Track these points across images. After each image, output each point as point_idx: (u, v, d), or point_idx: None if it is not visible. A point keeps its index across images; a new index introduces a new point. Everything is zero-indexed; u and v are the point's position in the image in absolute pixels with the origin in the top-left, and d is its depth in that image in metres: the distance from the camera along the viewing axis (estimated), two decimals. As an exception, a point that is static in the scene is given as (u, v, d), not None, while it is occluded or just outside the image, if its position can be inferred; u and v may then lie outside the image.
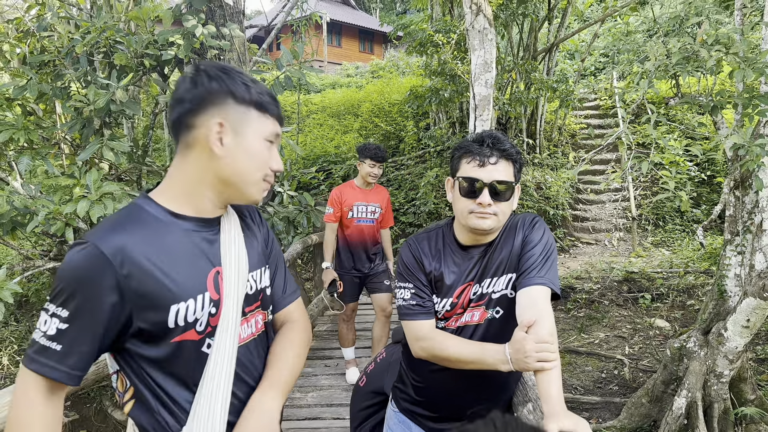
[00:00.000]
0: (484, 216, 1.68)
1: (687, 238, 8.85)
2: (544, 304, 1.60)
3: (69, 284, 1.14)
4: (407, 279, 1.83)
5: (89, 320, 1.15)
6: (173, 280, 1.22)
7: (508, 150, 1.70)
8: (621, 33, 11.73)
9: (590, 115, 12.01)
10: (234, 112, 1.24)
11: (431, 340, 1.76)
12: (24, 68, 4.77)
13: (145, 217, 1.23)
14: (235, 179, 1.27)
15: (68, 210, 4.08)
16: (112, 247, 1.16)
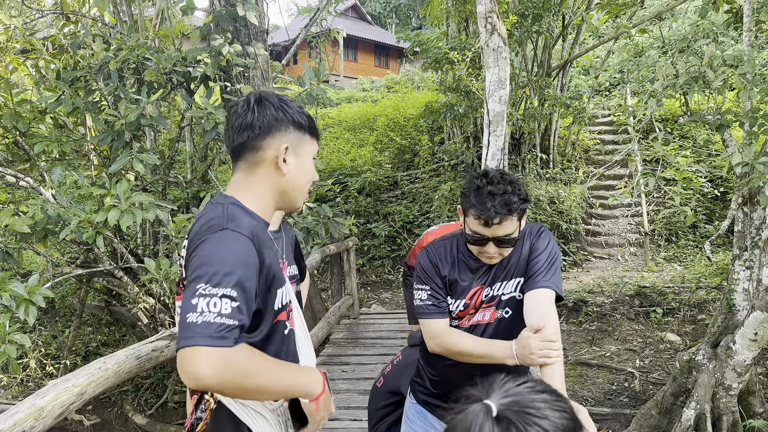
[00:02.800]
0: (491, 258, 1.90)
1: (699, 253, 8.90)
2: (549, 306, 1.79)
3: (227, 265, 1.25)
4: (425, 281, 2.01)
5: (248, 297, 1.27)
6: (275, 267, 1.46)
7: (512, 208, 1.78)
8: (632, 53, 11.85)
9: (604, 131, 12.11)
10: (294, 137, 1.50)
11: (445, 337, 1.94)
12: (58, 83, 5.01)
13: (245, 214, 1.42)
14: (292, 191, 1.53)
15: (99, 219, 4.28)
16: (250, 232, 1.35)
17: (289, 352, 1.58)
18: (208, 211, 1.42)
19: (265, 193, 1.50)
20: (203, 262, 1.26)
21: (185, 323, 1.20)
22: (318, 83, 4.84)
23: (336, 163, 11.93)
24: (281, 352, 1.51)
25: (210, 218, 1.37)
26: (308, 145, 1.54)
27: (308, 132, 1.53)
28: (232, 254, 1.27)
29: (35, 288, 4.09)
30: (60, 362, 7.40)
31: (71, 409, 1.84)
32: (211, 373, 1.17)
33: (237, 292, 1.23)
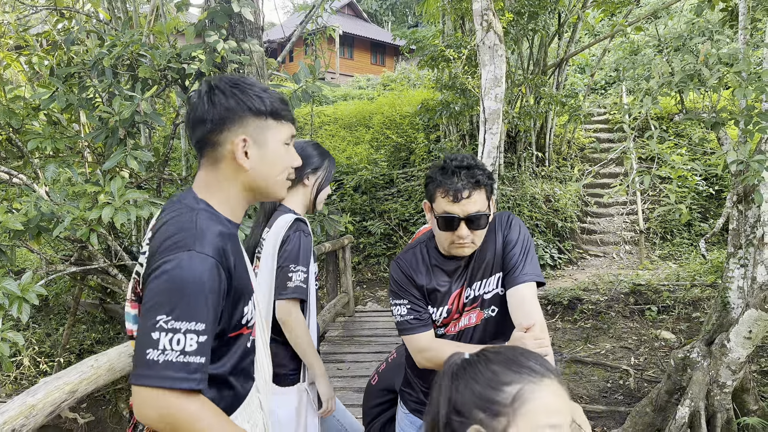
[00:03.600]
0: (463, 246, 1.78)
1: (694, 251, 8.92)
2: (533, 300, 1.77)
3: (193, 296, 1.16)
4: (401, 296, 1.89)
5: (212, 327, 1.20)
6: (243, 281, 1.36)
7: (479, 179, 1.75)
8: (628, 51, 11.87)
9: (599, 129, 12.13)
10: (254, 125, 1.33)
11: (433, 351, 1.84)
12: (51, 79, 4.98)
13: (215, 220, 1.31)
14: (262, 184, 1.38)
15: (93, 216, 4.26)
16: (217, 250, 1.23)
17: (250, 366, 1.47)
18: (175, 216, 1.30)
19: (232, 191, 1.37)
20: (165, 289, 1.16)
21: (144, 359, 1.13)
22: (314, 80, 4.82)
23: (331, 161, 11.91)
24: (241, 364, 1.41)
25: (176, 230, 1.25)
26: (274, 130, 1.36)
27: (271, 116, 1.35)
28: (197, 282, 1.17)
29: (29, 285, 4.07)
30: (54, 360, 7.37)
31: (63, 407, 1.83)
32: (159, 418, 1.13)
33: (203, 325, 1.16)
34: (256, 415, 1.49)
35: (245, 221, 5.61)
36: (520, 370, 0.92)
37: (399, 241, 10.38)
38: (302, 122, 13.84)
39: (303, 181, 2.38)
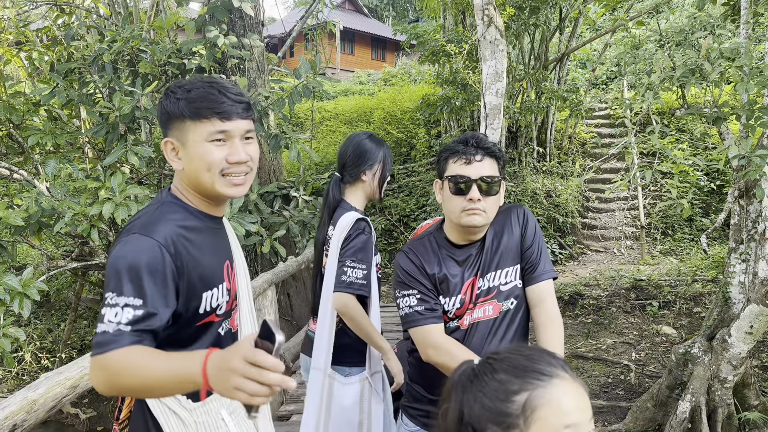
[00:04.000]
0: (475, 212, 1.74)
1: (695, 246, 8.92)
2: (552, 297, 1.83)
3: (132, 273, 1.25)
4: (410, 286, 1.81)
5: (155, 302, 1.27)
6: (204, 271, 1.41)
7: (491, 148, 1.77)
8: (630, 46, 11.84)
9: (601, 124, 12.10)
10: (176, 128, 1.41)
11: (442, 348, 1.74)
12: (52, 75, 4.97)
13: (179, 211, 1.41)
14: (196, 182, 1.43)
15: (94, 212, 4.27)
16: (165, 237, 1.31)
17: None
18: (145, 207, 1.43)
19: (186, 187, 1.46)
20: (111, 268, 1.26)
21: (96, 333, 1.23)
22: (314, 76, 4.82)
23: (333, 156, 11.92)
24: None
25: (134, 219, 1.38)
26: (192, 130, 1.39)
27: (189, 117, 1.39)
28: (136, 261, 1.26)
29: (30, 281, 4.08)
30: (56, 356, 7.39)
31: (64, 402, 1.83)
32: (96, 381, 1.21)
33: (140, 300, 1.24)
34: (239, 407, 1.52)
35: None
36: (525, 376, 0.89)
37: (400, 236, 10.38)
38: (303, 118, 13.83)
39: (361, 177, 2.45)
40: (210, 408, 1.46)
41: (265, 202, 5.46)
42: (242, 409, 1.51)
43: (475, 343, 1.80)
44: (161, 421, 1.39)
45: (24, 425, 1.63)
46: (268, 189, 5.57)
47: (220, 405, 1.48)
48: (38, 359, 7.53)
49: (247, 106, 1.45)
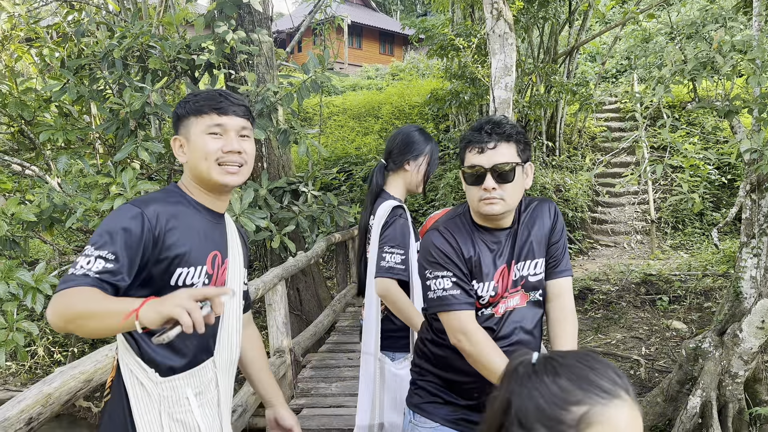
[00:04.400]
0: (492, 201, 1.69)
1: (706, 241, 8.86)
2: (570, 294, 1.86)
3: (109, 231, 1.41)
4: (445, 267, 1.73)
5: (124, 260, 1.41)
6: (186, 248, 1.53)
7: (506, 131, 1.71)
8: (640, 39, 11.74)
9: (611, 117, 12.03)
10: (182, 126, 1.60)
11: (477, 343, 1.68)
12: (62, 71, 5.00)
13: (179, 198, 1.58)
14: (196, 171, 1.59)
15: (105, 207, 4.29)
16: (151, 211, 1.47)
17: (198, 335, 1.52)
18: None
19: (190, 181, 1.63)
20: (99, 227, 1.44)
21: (65, 275, 1.38)
22: (323, 71, 4.82)
23: (341, 152, 11.92)
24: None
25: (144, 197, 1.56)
26: (194, 125, 1.58)
27: (192, 114, 1.58)
28: (116, 222, 1.42)
29: (42, 276, 4.11)
30: (68, 350, 7.46)
31: (78, 396, 1.85)
32: (50, 312, 1.32)
33: (113, 255, 1.39)
34: (209, 389, 1.64)
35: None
36: (589, 389, 0.87)
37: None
38: (311, 113, 13.84)
39: (404, 166, 2.47)
40: (176, 384, 1.55)
41: (275, 198, 5.47)
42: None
43: (506, 332, 1.78)
44: (129, 392, 1.50)
45: (39, 418, 1.65)
46: (277, 184, 5.58)
47: (186, 384, 1.57)
48: (51, 353, 7.60)
49: (246, 109, 1.63)
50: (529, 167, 1.78)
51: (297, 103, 4.75)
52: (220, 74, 5.09)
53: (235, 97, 1.62)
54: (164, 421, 1.52)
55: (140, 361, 1.50)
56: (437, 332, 1.86)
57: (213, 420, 1.64)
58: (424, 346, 1.93)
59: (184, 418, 1.56)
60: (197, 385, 1.59)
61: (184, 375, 1.56)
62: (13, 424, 1.57)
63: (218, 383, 1.66)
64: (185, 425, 1.56)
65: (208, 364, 1.62)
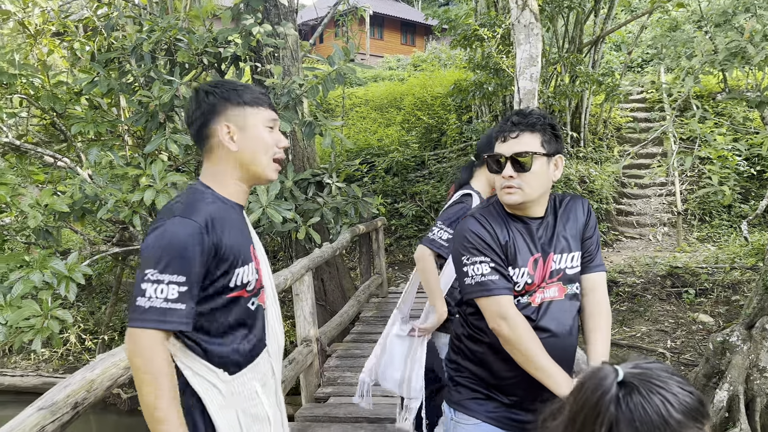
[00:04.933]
0: (511, 191, 1.71)
1: (734, 233, 8.72)
2: (604, 289, 1.88)
3: (174, 252, 1.38)
4: (483, 253, 1.74)
5: (195, 279, 1.41)
6: (237, 248, 1.54)
7: (530, 122, 1.72)
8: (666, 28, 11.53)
9: (636, 108, 11.87)
10: (233, 113, 1.55)
11: (517, 328, 1.68)
12: (93, 64, 5.09)
13: (212, 198, 1.54)
14: (249, 163, 1.57)
15: (135, 198, 4.38)
16: (204, 217, 1.44)
17: (256, 327, 1.63)
18: (180, 196, 1.55)
19: (228, 173, 1.57)
20: (153, 247, 1.38)
21: (134, 306, 1.36)
22: (346, 62, 4.84)
23: (363, 143, 11.94)
24: (243, 324, 1.57)
25: (172, 205, 1.49)
26: (253, 115, 1.56)
27: (248, 104, 1.56)
28: (179, 241, 1.38)
29: (75, 265, 4.21)
30: (98, 337, 7.63)
31: (119, 383, 1.91)
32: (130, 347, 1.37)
33: (183, 278, 1.38)
34: (268, 379, 1.67)
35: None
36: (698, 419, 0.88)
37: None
38: (334, 104, 13.87)
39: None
40: (244, 380, 1.57)
41: (300, 189, 5.53)
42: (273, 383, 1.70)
43: (547, 322, 1.77)
44: (202, 395, 1.50)
45: (84, 403, 1.72)
46: (302, 176, 5.64)
47: (253, 377, 1.60)
48: (82, 341, 7.78)
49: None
50: (558, 159, 1.79)
51: (322, 95, 4.79)
52: (246, 67, 5.13)
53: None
54: (241, 419, 1.55)
55: (207, 363, 1.50)
56: (473, 327, 1.87)
57: (275, 409, 1.68)
58: (460, 342, 1.93)
59: (256, 412, 1.59)
60: (260, 377, 1.63)
61: (248, 369, 1.58)
62: (61, 408, 1.63)
63: (274, 371, 1.70)
64: (257, 418, 1.59)
65: (264, 354, 1.66)
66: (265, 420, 1.61)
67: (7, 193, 4.35)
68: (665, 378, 0.91)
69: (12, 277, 4.00)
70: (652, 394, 0.88)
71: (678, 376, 0.93)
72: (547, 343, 1.70)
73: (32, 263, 4.15)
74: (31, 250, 6.20)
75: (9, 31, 5.77)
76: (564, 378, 1.65)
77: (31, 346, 3.82)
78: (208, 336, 1.50)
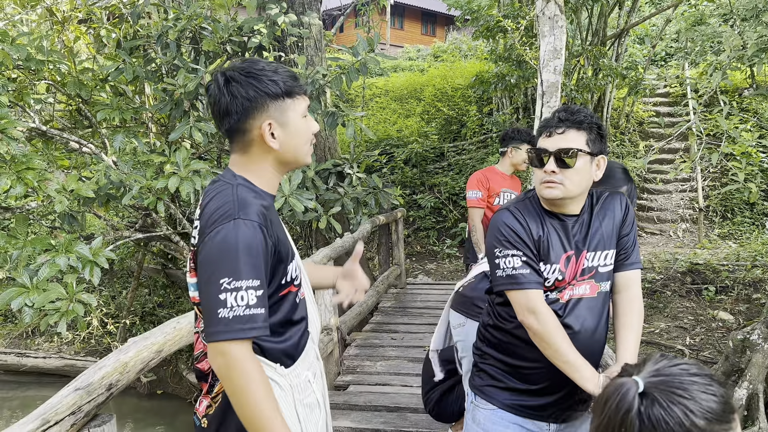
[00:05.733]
0: (551, 185, 1.72)
1: (756, 231, 8.62)
2: (638, 286, 1.87)
3: (246, 256, 1.35)
4: (515, 246, 1.76)
5: (266, 282, 1.40)
6: (286, 244, 1.52)
7: (578, 119, 1.73)
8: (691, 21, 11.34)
9: (659, 102, 11.72)
10: (274, 108, 1.48)
11: (547, 317, 1.71)
12: (119, 51, 5.14)
13: (254, 193, 1.48)
14: (291, 158, 1.54)
15: (160, 185, 4.44)
16: (259, 216, 1.41)
17: (303, 319, 1.63)
18: (219, 192, 1.46)
19: (266, 169, 1.53)
20: (221, 254, 1.34)
21: (217, 318, 1.32)
22: (369, 53, 4.85)
23: (382, 134, 11.94)
24: (294, 318, 1.57)
25: (221, 204, 1.42)
26: (292, 109, 1.51)
27: (287, 95, 1.49)
28: (247, 244, 1.35)
29: (99, 250, 4.28)
30: (119, 322, 7.75)
31: (150, 365, 1.96)
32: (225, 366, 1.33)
33: (258, 281, 1.35)
34: (314, 364, 1.68)
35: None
36: (723, 420, 0.89)
37: (449, 215, 10.37)
38: (354, 94, 13.87)
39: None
40: (299, 371, 1.57)
41: (321, 179, 5.56)
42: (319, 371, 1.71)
43: (572, 319, 1.79)
44: None
45: (118, 385, 1.76)
46: (324, 166, 5.66)
47: (304, 367, 1.60)
48: (104, 324, 7.91)
49: None
50: (601, 160, 1.79)
51: (346, 85, 4.80)
52: (270, 57, 5.16)
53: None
54: (299, 411, 1.55)
55: (265, 359, 1.49)
56: (500, 318, 1.90)
57: (323, 393, 1.70)
58: (487, 331, 1.97)
59: (310, 401, 1.60)
60: (310, 365, 1.64)
61: (300, 360, 1.58)
62: (96, 389, 1.68)
63: (318, 356, 1.71)
64: (312, 407, 1.60)
65: (309, 342, 1.65)
66: (317, 406, 1.63)
67: (35, 178, 4.42)
68: (687, 383, 0.91)
69: (38, 261, 4.07)
70: (673, 404, 0.89)
71: (702, 375, 0.93)
72: (573, 341, 1.73)
73: (58, 247, 4.21)
74: (55, 234, 6.31)
75: (38, 17, 5.84)
76: (591, 373, 1.68)
77: (56, 329, 3.89)
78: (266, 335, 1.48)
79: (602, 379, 1.66)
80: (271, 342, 1.49)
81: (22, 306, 3.70)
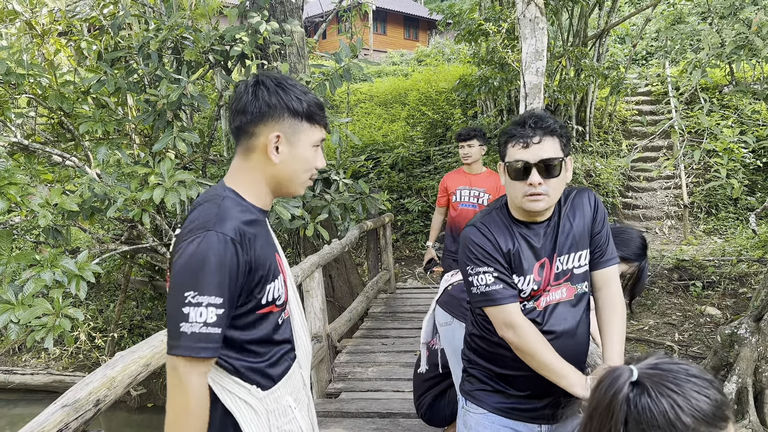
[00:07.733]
0: (537, 198, 1.68)
1: (740, 226, 8.72)
2: (617, 282, 1.84)
3: (213, 272, 1.30)
4: (485, 263, 1.74)
5: (231, 300, 1.34)
6: (269, 261, 1.46)
7: (550, 126, 1.69)
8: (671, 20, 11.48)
9: (641, 101, 11.84)
10: (289, 124, 1.43)
11: (526, 330, 1.70)
12: (100, 63, 5.10)
13: (242, 207, 1.43)
14: (287, 180, 1.48)
15: (145, 197, 4.40)
16: (236, 231, 1.35)
17: (285, 341, 1.57)
18: (204, 202, 1.43)
19: (259, 181, 1.47)
20: (189, 266, 1.30)
21: (178, 331, 1.29)
22: (352, 59, 4.85)
23: (368, 139, 11.95)
24: (273, 339, 1.51)
25: (201, 213, 1.38)
26: (306, 133, 1.46)
27: (306, 119, 1.45)
28: (217, 260, 1.30)
29: (85, 264, 4.23)
30: (107, 335, 7.68)
31: (138, 379, 1.94)
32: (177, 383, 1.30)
33: (221, 299, 1.30)
34: (299, 391, 1.61)
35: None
36: (714, 423, 0.88)
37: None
38: (338, 100, 13.87)
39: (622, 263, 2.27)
40: (278, 395, 1.51)
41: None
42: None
43: (551, 324, 1.78)
44: (234, 413, 1.44)
45: (105, 400, 1.74)
46: (309, 173, 5.64)
47: (286, 392, 1.54)
48: (92, 338, 7.83)
49: None
50: (569, 161, 1.78)
51: (329, 91, 4.80)
52: (253, 65, 5.15)
53: None
54: None
55: (237, 380, 1.44)
56: (483, 329, 1.89)
57: (308, 421, 1.63)
58: (472, 340, 1.96)
59: (289, 429, 1.54)
60: (293, 390, 1.58)
61: (281, 383, 1.53)
62: (83, 405, 1.66)
63: (305, 382, 1.66)
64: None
65: (295, 366, 1.60)
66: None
67: (18, 193, 4.37)
68: (682, 381, 0.91)
69: (23, 276, 4.02)
70: (662, 396, 0.89)
71: (702, 378, 0.92)
72: (555, 345, 1.72)
73: (43, 262, 4.17)
74: (40, 249, 6.24)
75: (17, 31, 5.79)
76: (578, 377, 1.67)
77: (43, 344, 3.84)
78: (239, 353, 1.44)
79: (590, 382, 1.65)
80: (245, 361, 1.45)
81: (8, 322, 3.65)
